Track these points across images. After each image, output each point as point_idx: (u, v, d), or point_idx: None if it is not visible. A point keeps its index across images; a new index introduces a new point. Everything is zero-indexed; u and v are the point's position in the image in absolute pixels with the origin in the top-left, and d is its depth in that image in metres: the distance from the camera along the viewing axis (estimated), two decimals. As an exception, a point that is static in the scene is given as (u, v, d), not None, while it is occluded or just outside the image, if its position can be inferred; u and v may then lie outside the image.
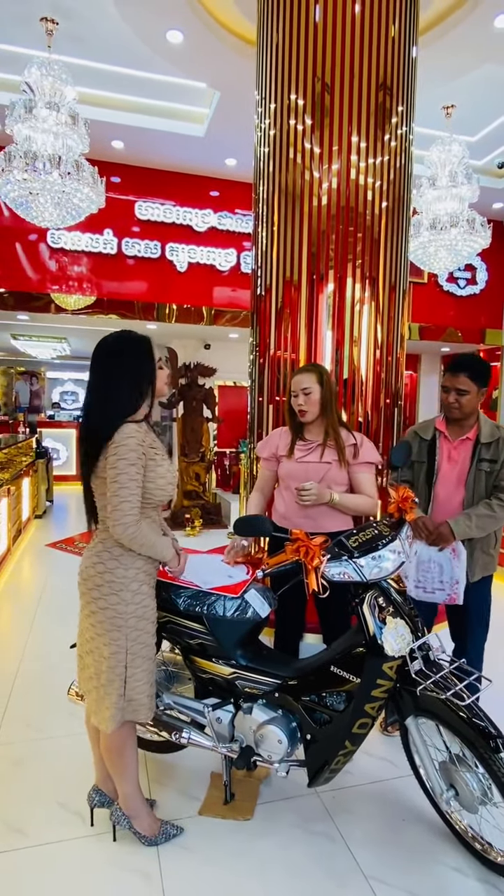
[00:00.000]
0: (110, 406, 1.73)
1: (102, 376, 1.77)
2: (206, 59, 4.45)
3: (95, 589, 1.77)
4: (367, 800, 2.17)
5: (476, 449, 2.38)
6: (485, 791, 1.74)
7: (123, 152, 6.03)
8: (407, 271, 3.38)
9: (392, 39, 3.09)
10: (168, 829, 1.95)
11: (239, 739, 2.02)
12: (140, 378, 1.78)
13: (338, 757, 1.85)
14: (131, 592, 1.77)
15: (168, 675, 2.29)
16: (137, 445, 1.70)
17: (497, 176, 6.51)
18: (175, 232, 6.59)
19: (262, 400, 3.33)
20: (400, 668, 1.78)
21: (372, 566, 1.81)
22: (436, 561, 2.38)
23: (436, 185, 4.89)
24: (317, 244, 3.09)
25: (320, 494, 2.15)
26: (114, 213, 6.21)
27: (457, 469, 2.41)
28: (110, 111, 5.36)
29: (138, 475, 1.69)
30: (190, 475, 7.31)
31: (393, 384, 3.28)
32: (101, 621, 1.76)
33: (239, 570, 2.14)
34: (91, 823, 1.99)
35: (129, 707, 1.80)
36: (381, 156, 3.10)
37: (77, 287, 6.37)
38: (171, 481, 1.83)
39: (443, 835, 1.97)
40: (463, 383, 2.34)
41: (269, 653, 2.15)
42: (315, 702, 1.91)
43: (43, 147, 3.87)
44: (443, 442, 2.46)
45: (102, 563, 1.77)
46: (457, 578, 2.36)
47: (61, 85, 3.85)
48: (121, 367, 1.76)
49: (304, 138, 3.08)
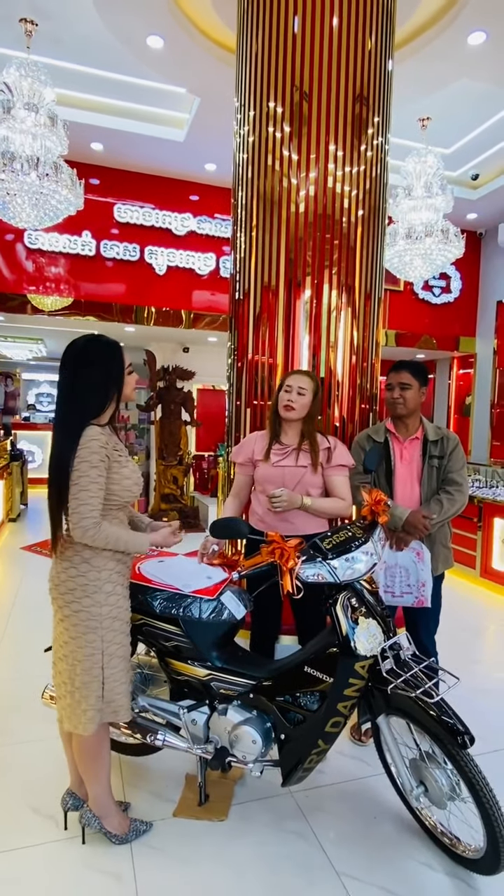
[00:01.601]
0: (76, 408, 1.75)
1: (71, 378, 1.79)
2: (186, 64, 4.47)
3: (69, 593, 1.77)
4: (340, 798, 2.20)
5: (425, 447, 2.50)
6: (453, 787, 1.78)
7: (103, 154, 6.01)
8: (382, 279, 3.45)
9: (369, 52, 3.16)
10: (138, 825, 1.96)
11: (214, 741, 2.03)
12: (108, 382, 1.80)
13: (311, 756, 1.88)
14: (105, 594, 1.78)
15: (143, 677, 2.29)
16: (100, 448, 1.71)
17: (471, 187, 6.66)
18: (154, 235, 6.59)
19: (240, 404, 3.35)
20: (372, 667, 1.82)
21: (345, 567, 1.85)
22: (401, 565, 2.45)
23: (411, 195, 4.99)
24: (294, 250, 3.13)
25: (291, 500, 2.18)
26: (92, 215, 6.18)
27: (410, 468, 2.52)
28: (90, 113, 5.35)
29: (100, 477, 1.71)
30: (168, 478, 7.29)
31: (368, 389, 3.33)
32: (76, 624, 1.76)
33: (218, 571, 2.16)
34: (65, 827, 1.98)
35: (107, 708, 1.80)
36: (357, 165, 3.16)
37: (54, 288, 6.33)
38: (137, 482, 1.86)
39: (413, 831, 2.01)
40: (405, 377, 2.49)
41: (244, 654, 2.16)
42: (289, 702, 1.93)
43: (21, 148, 3.84)
44: (394, 443, 2.56)
45: (74, 566, 1.77)
46: (423, 580, 2.43)
47: (40, 86, 3.83)
48: (90, 370, 1.78)
49: (282, 145, 3.12)
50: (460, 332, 8.05)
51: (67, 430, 1.74)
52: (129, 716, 1.85)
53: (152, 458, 8.03)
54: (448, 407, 8.81)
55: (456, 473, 2.46)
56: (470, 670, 3.33)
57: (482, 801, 1.67)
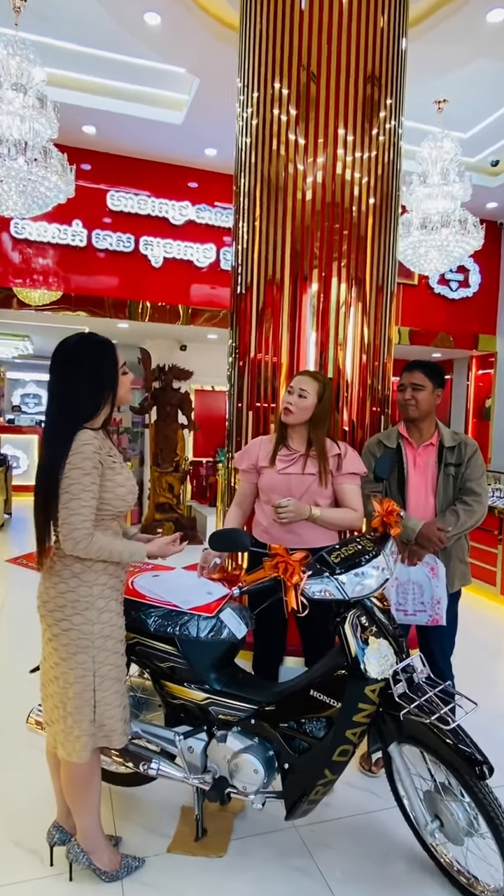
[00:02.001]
0: (67, 411, 1.76)
1: (61, 380, 1.80)
2: (185, 43, 4.51)
3: (58, 610, 1.77)
4: (348, 833, 2.19)
5: (441, 453, 2.49)
6: (471, 821, 1.78)
7: (95, 138, 6.05)
8: (395, 272, 3.46)
9: (381, 30, 3.18)
10: (129, 861, 1.95)
11: (212, 770, 2.03)
12: (101, 383, 1.81)
13: (317, 787, 1.87)
14: (97, 611, 1.78)
15: (136, 701, 2.29)
16: (93, 453, 1.72)
17: (491, 174, 6.69)
18: (150, 224, 6.62)
19: (242, 406, 3.36)
20: (383, 691, 1.81)
21: (354, 583, 1.85)
22: (414, 581, 2.44)
23: (427, 182, 5.02)
24: (301, 241, 3.15)
25: (299, 510, 2.18)
26: (84, 203, 6.22)
27: (424, 475, 2.52)
28: (82, 94, 5.38)
29: (93, 485, 1.71)
30: (163, 486, 7.30)
31: (380, 390, 3.34)
32: (66, 644, 1.76)
33: (218, 586, 2.17)
34: (50, 863, 1.98)
35: (100, 733, 1.81)
36: (368, 150, 3.18)
37: (42, 281, 6.36)
38: (132, 490, 1.86)
39: (428, 869, 2.01)
40: (417, 378, 2.50)
41: (245, 677, 2.17)
42: (293, 728, 1.93)
43: (8, 131, 3.87)
44: (407, 448, 2.56)
45: (64, 581, 1.77)
46: (437, 597, 2.42)
47: (29, 65, 3.86)
48: (81, 370, 1.79)
49: (288, 129, 3.14)
50: (479, 329, 8.06)
51: (58, 435, 1.74)
52: (123, 742, 1.85)
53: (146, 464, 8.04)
54: (466, 410, 8.81)
55: (474, 482, 2.46)
56: (489, 694, 3.32)
57: (501, 835, 1.67)
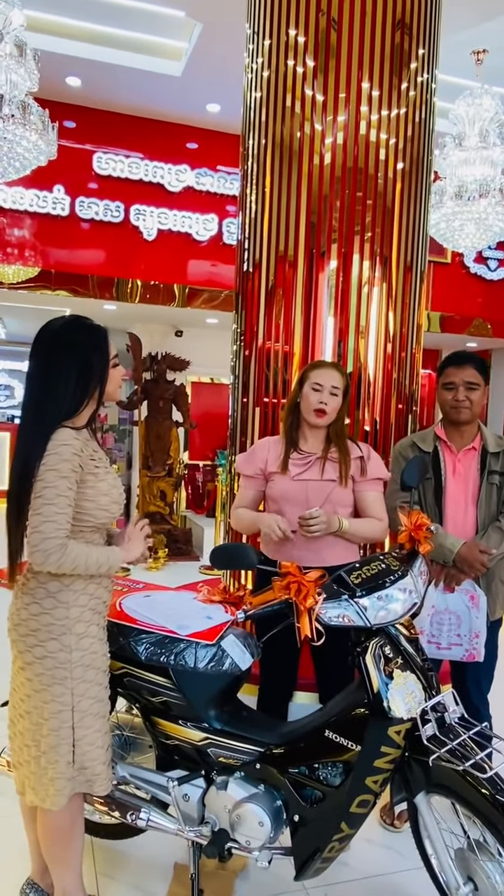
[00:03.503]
0: (47, 405, 1.77)
1: (42, 369, 1.81)
2: (185, -18, 4.55)
3: (31, 635, 1.78)
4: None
5: (484, 460, 2.48)
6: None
7: (81, 91, 6.09)
8: (426, 248, 3.48)
9: (413, -31, 3.20)
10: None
11: (210, 821, 2.03)
12: (88, 376, 1.81)
13: (332, 843, 1.87)
14: (76, 636, 1.79)
15: (124, 741, 2.30)
16: (73, 455, 1.73)
17: (537, 136, 6.70)
18: (142, 191, 6.66)
19: (248, 401, 3.38)
20: (409, 732, 1.82)
21: (378, 608, 1.85)
22: (452, 611, 2.44)
23: (463, 145, 5.03)
24: (317, 212, 3.17)
25: (329, 522, 2.19)
26: (67, 166, 6.26)
27: (464, 484, 2.51)
28: (66, 41, 5.42)
29: (69, 490, 1.72)
30: (154, 493, 7.32)
31: (407, 385, 3.36)
32: (40, 674, 1.77)
33: (219, 610, 2.17)
34: (22, 926, 1.99)
35: (80, 777, 1.82)
36: (397, 107, 3.20)
37: (18, 255, 6.40)
38: (117, 500, 1.87)
39: (459, 941, 2.01)
40: (472, 375, 2.46)
41: (249, 714, 2.17)
42: (305, 775, 1.94)
43: (-19, 82, 3.91)
44: (446, 453, 2.55)
45: (37, 602, 1.78)
46: (476, 631, 2.42)
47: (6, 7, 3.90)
48: (66, 359, 1.80)
49: (304, 83, 3.16)
50: (522, 315, 8.09)
51: (35, 433, 1.75)
52: (107, 788, 1.86)
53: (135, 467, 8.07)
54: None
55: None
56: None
57: (547, 903, 1.67)
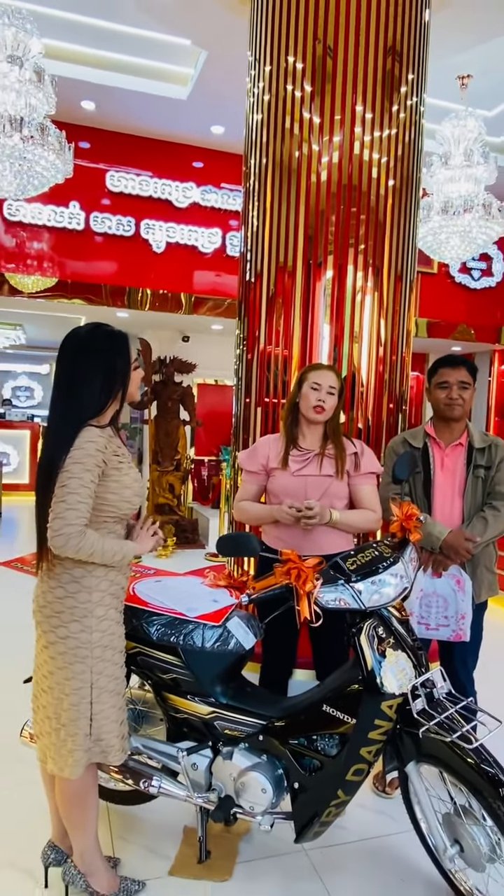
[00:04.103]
0: (74, 406, 1.76)
1: (69, 372, 1.80)
2: (191, 13, 4.49)
3: (55, 616, 1.77)
4: (361, 858, 2.19)
5: (470, 455, 2.48)
6: (493, 847, 1.77)
7: (94, 114, 6.05)
8: (415, 259, 3.45)
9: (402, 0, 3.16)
10: (129, 884, 1.96)
11: (217, 788, 2.03)
12: (112, 378, 1.81)
13: (329, 808, 1.87)
14: (96, 619, 1.78)
15: (137, 714, 2.29)
16: (97, 451, 1.72)
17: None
18: (152, 207, 6.61)
19: (250, 401, 3.36)
20: (400, 707, 1.81)
21: (371, 592, 1.84)
22: (439, 594, 2.44)
23: (448, 163, 4.99)
24: (314, 226, 3.14)
25: (323, 514, 2.18)
26: (82, 184, 6.21)
27: (451, 477, 2.51)
28: (81, 67, 5.37)
29: (92, 483, 1.71)
30: (162, 486, 7.31)
31: (397, 386, 3.34)
32: (62, 652, 1.76)
33: (224, 594, 2.16)
34: (45, 885, 1.98)
35: (96, 748, 1.81)
36: (388, 128, 3.17)
37: (36, 266, 6.36)
38: (139, 492, 1.87)
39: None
40: (465, 376, 2.49)
41: (253, 690, 2.17)
42: (304, 745, 1.93)
43: (2, 107, 3.87)
44: (435, 449, 2.55)
45: (62, 586, 1.77)
46: (462, 612, 2.42)
47: (26, 36, 3.86)
48: (91, 363, 1.79)
49: (302, 106, 3.14)
50: (503, 321, 8.03)
51: (62, 431, 1.75)
52: (121, 758, 1.85)
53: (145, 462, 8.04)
54: (487, 407, 8.79)
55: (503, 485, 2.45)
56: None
57: (528, 864, 1.66)
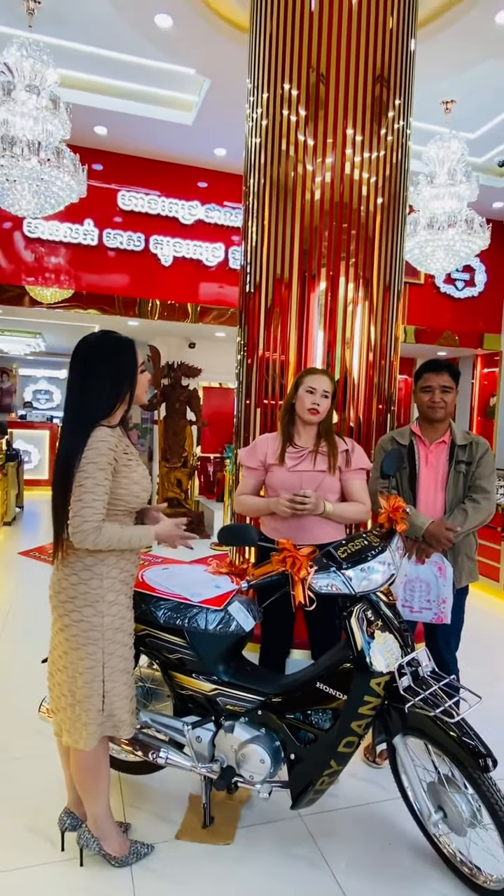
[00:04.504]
0: (86, 408, 1.78)
1: (81, 376, 1.82)
2: (195, 44, 4.50)
3: (69, 601, 1.79)
4: (352, 823, 2.21)
5: (452, 452, 2.51)
6: (474, 813, 1.79)
7: (107, 139, 6.06)
8: (402, 271, 3.46)
9: (390, 31, 3.17)
10: (139, 848, 1.98)
11: (219, 759, 2.05)
12: (120, 382, 1.82)
13: (322, 777, 1.88)
14: (107, 604, 1.80)
15: (146, 691, 2.31)
16: (109, 450, 1.73)
17: (497, 174, 6.65)
18: (160, 224, 6.63)
19: (250, 403, 3.37)
20: (388, 684, 1.82)
21: (361, 578, 1.86)
22: (422, 579, 2.46)
23: (434, 182, 4.99)
24: (309, 241, 3.15)
25: (316, 504, 2.20)
26: (95, 203, 6.23)
27: (435, 473, 2.53)
28: (94, 95, 5.39)
29: (106, 481, 1.73)
30: (171, 481, 7.32)
31: (386, 388, 3.34)
32: (76, 635, 1.78)
33: (226, 580, 2.18)
34: (62, 848, 2.00)
35: (108, 723, 1.83)
36: (377, 150, 3.18)
37: (54, 279, 6.38)
38: (146, 487, 1.88)
39: (431, 859, 2.02)
40: (447, 380, 2.52)
41: (252, 669, 2.18)
42: (300, 720, 1.95)
43: (22, 132, 3.89)
44: (420, 446, 2.58)
45: (76, 573, 1.79)
46: (444, 597, 2.43)
47: (42, 67, 3.88)
48: (101, 368, 1.81)
49: (297, 130, 3.15)
50: (485, 328, 8.03)
51: (76, 430, 1.76)
52: (131, 732, 1.87)
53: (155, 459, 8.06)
54: (471, 408, 8.78)
55: (484, 480, 2.47)
56: (494, 689, 3.32)
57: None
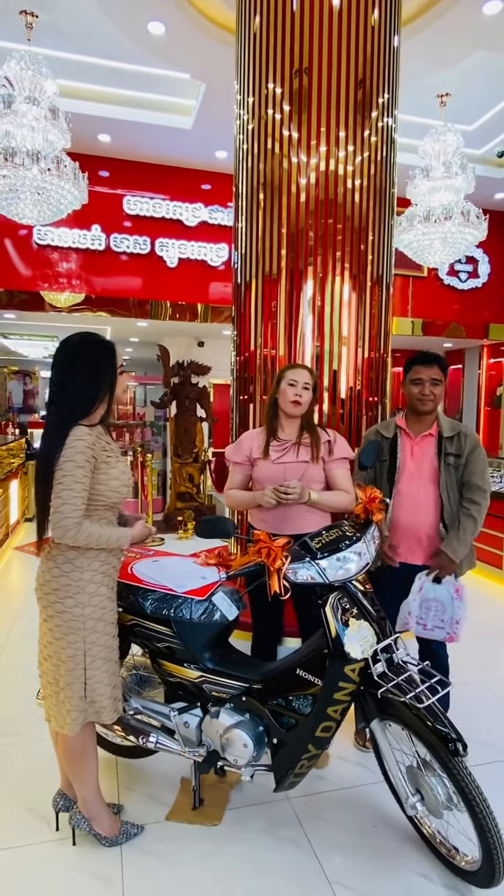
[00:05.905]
0: (65, 407, 1.79)
1: (61, 378, 1.83)
2: (189, 50, 4.49)
3: (52, 593, 1.82)
4: (338, 805, 2.20)
5: (440, 444, 2.45)
6: (449, 796, 1.77)
7: (110, 146, 6.08)
8: (391, 265, 3.41)
9: (372, 28, 3.12)
10: (128, 828, 2.00)
11: (206, 744, 2.06)
12: (99, 382, 1.83)
13: (301, 761, 1.89)
14: (88, 595, 1.82)
15: (139, 679, 2.33)
16: (86, 448, 1.75)
17: (497, 165, 6.52)
18: (165, 227, 6.63)
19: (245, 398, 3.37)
20: (363, 670, 1.81)
21: (336, 567, 1.85)
22: (439, 599, 2.40)
23: (430, 175, 4.91)
24: (296, 237, 3.13)
25: (301, 493, 2.19)
26: (102, 208, 6.27)
27: (422, 465, 2.47)
28: (95, 104, 5.41)
29: (85, 478, 1.74)
30: (183, 476, 7.35)
31: (378, 381, 3.31)
32: (59, 625, 1.80)
33: (213, 571, 2.18)
34: (56, 828, 2.04)
35: (90, 709, 1.85)
36: (361, 145, 3.13)
37: (66, 284, 6.43)
38: (126, 483, 1.89)
39: (413, 841, 2.01)
40: (437, 373, 2.45)
41: (237, 656, 2.18)
42: (282, 705, 1.95)
43: (23, 142, 3.92)
44: (405, 439, 2.52)
45: (58, 566, 1.81)
46: (458, 618, 2.38)
47: (41, 79, 3.90)
48: (81, 369, 1.82)
49: (282, 127, 3.12)
50: (490, 318, 7.88)
51: (55, 430, 1.78)
52: (112, 717, 1.89)
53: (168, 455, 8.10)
54: (478, 398, 8.65)
55: (477, 476, 2.39)
56: (490, 675, 3.29)
57: (476, 811, 1.66)
